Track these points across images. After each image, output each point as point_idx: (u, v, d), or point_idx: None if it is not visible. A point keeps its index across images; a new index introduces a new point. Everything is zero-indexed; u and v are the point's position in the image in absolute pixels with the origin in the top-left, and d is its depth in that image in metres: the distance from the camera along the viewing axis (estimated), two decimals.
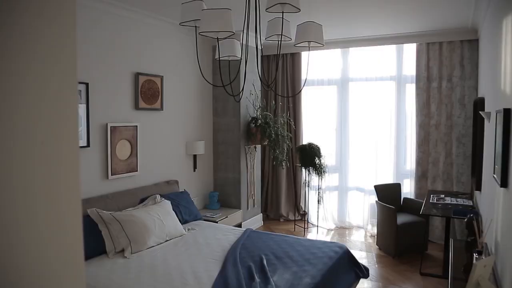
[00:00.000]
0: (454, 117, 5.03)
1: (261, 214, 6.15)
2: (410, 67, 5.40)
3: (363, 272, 3.60)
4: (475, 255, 2.54)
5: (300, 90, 5.19)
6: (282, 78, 6.23)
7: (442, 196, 4.48)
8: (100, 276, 2.89)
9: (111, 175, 3.96)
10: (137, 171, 4.28)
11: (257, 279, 2.84)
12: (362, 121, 5.79)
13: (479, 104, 3.91)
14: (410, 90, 5.41)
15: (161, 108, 4.61)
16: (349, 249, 3.64)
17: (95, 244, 3.29)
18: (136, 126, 4.24)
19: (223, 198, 5.64)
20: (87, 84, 3.65)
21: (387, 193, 5.09)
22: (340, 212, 6.00)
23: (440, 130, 5.12)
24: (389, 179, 5.55)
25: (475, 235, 2.68)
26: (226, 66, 3.23)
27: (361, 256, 4.70)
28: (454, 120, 5.03)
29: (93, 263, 3.12)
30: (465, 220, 2.93)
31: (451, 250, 3.04)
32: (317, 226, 5.89)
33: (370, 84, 5.70)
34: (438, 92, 5.13)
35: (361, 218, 5.84)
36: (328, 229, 5.86)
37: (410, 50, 5.39)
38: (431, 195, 4.53)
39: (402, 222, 4.60)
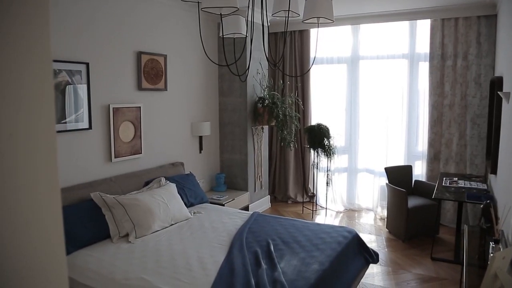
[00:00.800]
0: (469, 97, 4.84)
1: (269, 196, 6.06)
2: (423, 45, 5.17)
3: (372, 257, 3.50)
4: (491, 243, 2.43)
5: (309, 69, 5.01)
6: (290, 57, 6.04)
7: (455, 179, 4.34)
8: (104, 262, 2.83)
9: (115, 157, 3.87)
10: (141, 153, 4.19)
11: (263, 265, 2.75)
12: (373, 101, 5.61)
13: (497, 83, 3.72)
14: (423, 69, 5.20)
15: (165, 88, 4.47)
16: (358, 233, 3.54)
17: (98, 229, 3.23)
18: (140, 107, 4.12)
19: (229, 180, 5.55)
20: (87, 64, 3.52)
21: (398, 176, 4.96)
22: (349, 194, 5.89)
23: (454, 111, 4.93)
24: (399, 161, 5.40)
25: (492, 222, 2.55)
26: (231, 44, 3.08)
27: (370, 240, 4.61)
28: (469, 100, 4.84)
29: (97, 248, 3.05)
30: (482, 206, 2.81)
31: (466, 237, 2.92)
32: (326, 208, 5.79)
33: (382, 62, 5.49)
34: (452, 71, 4.92)
35: (370, 201, 5.73)
36: (337, 212, 5.77)
37: (424, 26, 5.15)
38: (444, 178, 4.39)
39: (413, 205, 4.48)
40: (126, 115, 3.96)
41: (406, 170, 5.06)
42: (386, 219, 5.03)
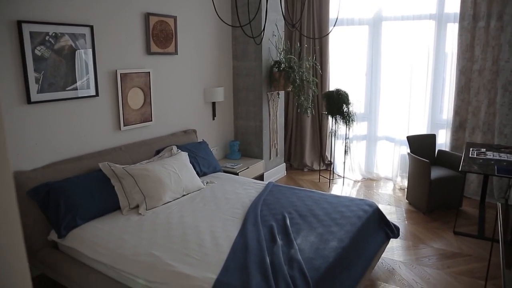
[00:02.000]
0: (501, 62, 4.47)
1: (284, 164, 5.89)
2: (453, 4, 4.76)
3: (393, 232, 3.34)
4: None
5: (329, 32, 4.68)
6: (308, 17, 5.69)
7: (483, 150, 4.07)
8: (113, 236, 2.72)
9: (124, 126, 3.71)
10: (151, 120, 4.02)
11: (279, 241, 2.60)
12: (396, 65, 5.27)
13: None
14: (452, 31, 4.81)
15: (176, 52, 4.23)
16: (377, 203, 3.37)
17: (108, 200, 3.11)
18: (149, 72, 3.91)
19: (244, 148, 5.38)
20: (91, 27, 3.29)
21: (421, 145, 4.71)
22: (368, 163, 5.68)
23: (484, 76, 4.59)
24: (422, 129, 5.13)
25: None
26: (245, 5, 2.81)
27: (390, 211, 4.44)
28: (501, 65, 4.48)
29: (106, 221, 2.95)
30: None
31: (500, 214, 2.71)
32: (343, 177, 5.61)
33: (406, 23, 5.11)
34: (484, 33, 4.54)
35: (390, 170, 5.52)
36: (354, 181, 5.59)
37: None
38: (470, 149, 4.13)
39: (436, 176, 4.25)
40: (134, 81, 3.76)
41: (429, 139, 4.80)
42: (406, 189, 4.83)
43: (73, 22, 3.16)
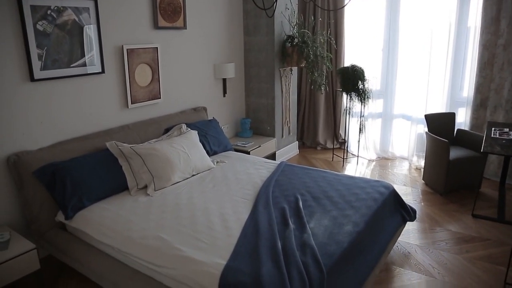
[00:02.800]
0: None
1: (297, 142, 5.76)
2: None
3: (410, 215, 3.22)
4: None
5: (346, 4, 4.45)
6: None
7: (506, 130, 3.88)
8: (120, 218, 2.65)
9: (131, 103, 3.60)
10: (160, 98, 3.90)
11: (291, 225, 2.50)
12: (414, 39, 5.02)
13: None
14: (476, 3, 4.53)
15: (184, 27, 4.06)
16: (392, 184, 3.23)
17: (116, 181, 3.03)
18: (157, 47, 3.76)
19: (255, 125, 5.25)
20: (95, 0, 3.13)
21: (439, 124, 4.52)
22: (383, 141, 5.52)
23: (509, 51, 4.33)
24: (440, 107, 4.93)
25: None
26: None
27: (405, 192, 4.31)
28: None
29: (114, 202, 2.88)
30: None
31: None
32: (358, 156, 5.47)
33: None
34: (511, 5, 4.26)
35: (405, 149, 5.35)
36: (369, 160, 5.44)
37: None
38: (492, 128, 3.94)
39: (455, 156, 4.09)
40: (141, 56, 3.62)
41: (448, 118, 4.60)
42: (423, 170, 4.68)
43: None
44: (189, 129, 3.77)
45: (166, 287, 2.23)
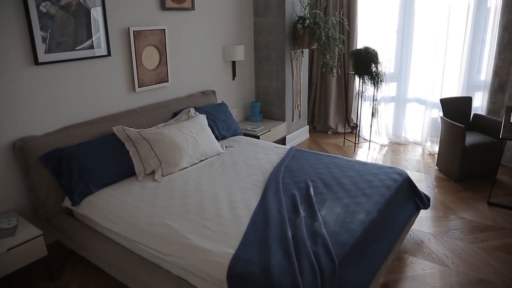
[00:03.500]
0: None
1: (307, 126, 5.66)
2: None
3: (424, 203, 3.13)
4: None
5: None
6: None
7: None
8: (127, 204, 2.60)
9: (138, 87, 3.52)
10: (167, 81, 3.82)
11: (302, 213, 2.43)
12: (430, 20, 4.83)
13: None
14: None
15: (192, 7, 3.94)
16: (404, 169, 3.13)
17: (123, 166, 2.98)
18: (164, 29, 3.66)
19: (265, 109, 5.16)
20: None
21: (455, 108, 4.38)
22: (396, 126, 5.39)
23: None
24: (456, 91, 4.77)
25: None
26: None
27: (418, 178, 4.21)
28: None
29: (121, 188, 2.83)
30: None
31: None
32: (369, 141, 5.35)
33: None
34: None
35: (419, 134, 5.22)
36: (381, 145, 5.33)
37: None
38: (511, 114, 3.79)
39: (471, 142, 3.96)
40: (148, 39, 3.52)
41: (465, 102, 4.45)
42: (436, 155, 4.56)
43: None
44: (198, 113, 3.69)
45: (173, 276, 2.19)
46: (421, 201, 3.12)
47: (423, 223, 3.36)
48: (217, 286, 1.99)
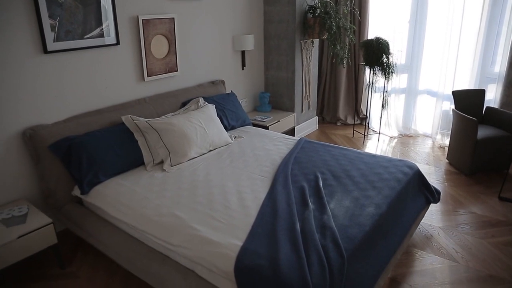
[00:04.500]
0: None
1: (317, 117, 5.62)
2: None
3: (434, 196, 3.10)
4: None
5: None
6: None
7: None
8: (136, 194, 2.61)
9: (147, 76, 3.50)
10: (177, 71, 3.79)
11: (311, 205, 2.41)
12: (444, 10, 4.73)
13: None
14: None
15: None
16: (416, 164, 3.10)
17: (131, 155, 2.98)
18: (173, 18, 3.62)
19: (275, 100, 5.12)
20: None
21: (467, 101, 4.31)
22: (406, 118, 5.33)
23: None
24: (469, 83, 4.69)
25: None
26: None
27: (428, 171, 4.16)
28: None
29: (130, 177, 2.83)
30: None
31: None
32: (379, 133, 5.30)
33: None
34: None
35: (429, 126, 5.15)
36: (390, 137, 5.27)
37: None
38: None
39: (483, 136, 3.90)
40: (158, 27, 3.49)
41: (478, 95, 4.37)
42: (447, 148, 4.50)
43: None
44: (207, 103, 3.67)
45: (181, 266, 2.19)
46: (431, 195, 3.09)
47: (432, 217, 3.33)
48: (224, 278, 1.98)
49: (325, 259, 1.94)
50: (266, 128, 4.39)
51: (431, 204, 3.26)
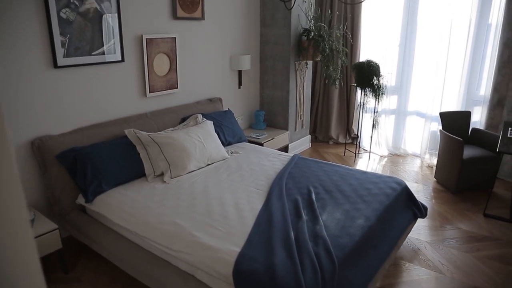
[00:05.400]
0: None
1: (309, 135, 5.79)
2: None
3: (421, 212, 3.25)
4: None
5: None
6: None
7: None
8: (138, 203, 2.72)
9: (149, 92, 3.66)
10: (177, 88, 3.95)
11: (304, 216, 2.55)
12: (432, 35, 4.99)
13: None
14: None
15: (202, 17, 4.10)
16: (404, 180, 3.26)
17: (133, 167, 3.11)
18: (175, 38, 3.81)
19: (269, 118, 5.29)
20: None
21: (454, 122, 4.51)
22: (396, 138, 5.52)
23: None
24: (455, 105, 4.91)
25: None
26: None
27: (416, 189, 4.32)
28: None
29: (132, 187, 2.95)
30: None
31: None
32: (370, 152, 5.48)
33: None
34: None
35: (418, 146, 5.34)
36: (380, 156, 5.45)
37: None
38: (509, 128, 3.92)
39: (468, 156, 4.08)
40: (160, 46, 3.67)
41: (464, 117, 4.59)
42: (435, 168, 4.68)
43: None
44: (205, 119, 3.82)
45: (182, 272, 2.30)
46: (419, 210, 3.23)
47: (420, 231, 3.47)
48: (223, 282, 2.10)
49: (318, 264, 2.07)
50: (261, 145, 4.54)
51: (419, 219, 3.42)
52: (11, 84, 2.68)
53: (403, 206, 3.11)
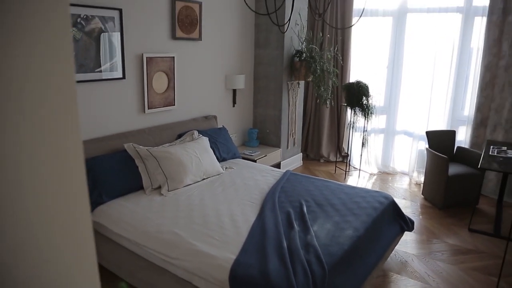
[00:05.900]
0: None
1: (301, 153, 5.94)
2: None
3: (408, 225, 3.38)
4: None
5: (354, 24, 4.67)
6: (331, 6, 5.66)
7: (504, 148, 4.05)
8: (137, 214, 2.83)
9: (148, 109, 3.80)
10: (174, 105, 4.10)
11: (296, 227, 2.68)
12: (418, 59, 5.23)
13: None
14: (479, 25, 4.74)
15: (200, 38, 4.29)
16: (393, 197, 3.41)
17: (132, 180, 3.22)
18: (173, 57, 3.98)
19: (262, 136, 5.44)
20: (120, 10, 3.36)
21: (440, 141, 4.70)
22: (385, 156, 5.69)
23: (510, 73, 4.52)
24: (442, 125, 5.11)
25: None
26: None
27: (405, 205, 4.47)
28: None
29: (131, 199, 3.06)
30: None
31: None
32: (359, 169, 5.64)
33: (432, 16, 5.04)
34: None
35: (406, 164, 5.52)
36: (370, 174, 5.61)
37: None
38: (491, 147, 4.11)
39: (454, 173, 4.26)
40: (159, 65, 3.83)
41: (449, 135, 4.78)
42: (422, 185, 4.84)
43: (103, 4, 3.24)
44: (201, 135, 3.96)
45: (179, 279, 2.39)
46: (405, 224, 3.37)
47: (407, 245, 3.60)
48: (220, 287, 2.20)
49: (309, 270, 2.19)
50: (254, 161, 4.68)
51: (408, 233, 3.56)
52: None
53: (390, 219, 3.25)
